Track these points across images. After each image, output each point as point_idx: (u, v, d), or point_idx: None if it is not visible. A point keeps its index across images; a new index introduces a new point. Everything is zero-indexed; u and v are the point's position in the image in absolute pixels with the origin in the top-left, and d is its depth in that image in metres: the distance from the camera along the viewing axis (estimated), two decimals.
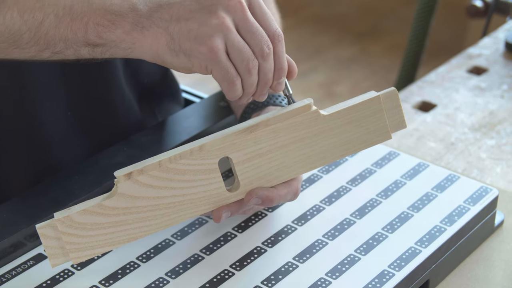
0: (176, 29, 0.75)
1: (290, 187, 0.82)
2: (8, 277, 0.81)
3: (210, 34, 0.74)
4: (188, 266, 0.82)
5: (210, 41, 0.74)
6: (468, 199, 0.91)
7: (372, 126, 0.82)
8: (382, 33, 3.08)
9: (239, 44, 0.75)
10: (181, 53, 0.75)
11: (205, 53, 0.75)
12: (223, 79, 0.76)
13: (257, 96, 0.79)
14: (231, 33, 0.75)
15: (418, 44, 1.84)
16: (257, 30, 0.76)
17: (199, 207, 0.79)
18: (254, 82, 0.77)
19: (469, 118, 1.18)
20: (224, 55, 0.75)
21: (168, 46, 0.75)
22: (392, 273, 0.81)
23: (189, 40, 0.75)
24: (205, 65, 0.76)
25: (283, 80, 0.79)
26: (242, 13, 0.75)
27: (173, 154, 0.77)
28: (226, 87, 0.77)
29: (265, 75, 0.77)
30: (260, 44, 0.76)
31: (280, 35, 0.77)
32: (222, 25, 0.74)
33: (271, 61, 0.77)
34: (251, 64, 0.76)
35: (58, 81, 0.94)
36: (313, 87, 2.77)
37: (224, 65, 0.75)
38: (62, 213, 0.75)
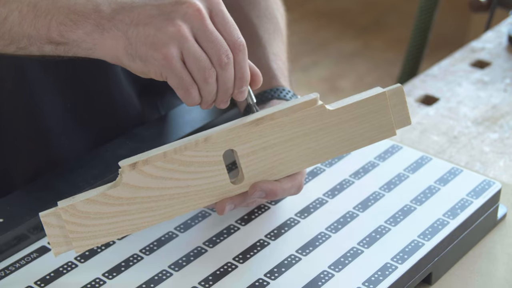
0: (134, 33, 0.75)
1: (294, 181, 0.83)
2: (12, 269, 0.81)
3: (165, 42, 0.74)
4: (191, 258, 0.82)
5: (164, 49, 0.74)
6: (471, 193, 0.91)
7: (377, 122, 0.82)
8: (385, 27, 3.07)
9: (195, 53, 0.74)
10: (137, 58, 0.75)
11: (159, 60, 0.74)
12: (178, 87, 0.76)
13: (218, 104, 0.79)
14: (187, 41, 0.74)
15: (421, 38, 1.83)
16: (215, 39, 0.75)
17: (203, 199, 0.79)
18: (212, 91, 0.77)
19: (472, 111, 1.18)
20: (179, 63, 0.75)
21: (126, 50, 0.75)
22: (395, 266, 0.81)
23: (145, 46, 0.74)
24: (160, 72, 0.75)
25: (244, 89, 0.79)
26: (200, 21, 0.75)
27: (178, 145, 0.77)
28: (181, 95, 0.77)
29: (224, 84, 0.77)
30: (219, 53, 0.75)
31: (242, 45, 0.77)
32: (178, 33, 0.74)
33: (230, 70, 0.76)
34: (207, 73, 0.75)
35: (57, 73, 0.94)
36: (316, 81, 2.77)
37: (179, 73, 0.75)
38: (66, 202, 0.75)
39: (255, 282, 0.79)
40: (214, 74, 0.76)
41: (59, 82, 0.95)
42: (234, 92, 0.78)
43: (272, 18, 1.02)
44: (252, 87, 0.81)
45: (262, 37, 0.99)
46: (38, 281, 0.80)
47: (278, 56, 0.98)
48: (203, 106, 0.79)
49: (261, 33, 0.99)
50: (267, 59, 0.96)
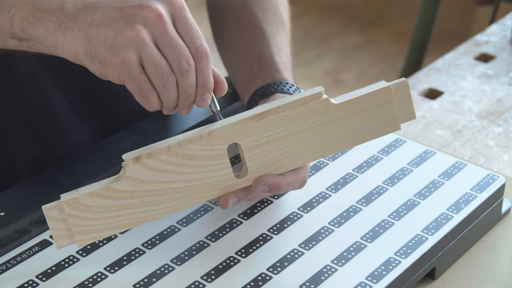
0: (94, 34, 0.74)
1: (298, 175, 0.82)
2: (14, 263, 0.81)
3: (124, 45, 0.73)
4: (193, 253, 0.82)
5: (122, 53, 0.73)
6: (475, 187, 0.91)
7: (382, 116, 0.82)
8: (389, 20, 3.07)
9: (154, 58, 0.73)
10: (96, 60, 0.74)
11: (117, 64, 0.73)
12: (135, 91, 0.75)
13: (180, 110, 0.78)
14: (146, 46, 0.73)
15: (425, 32, 1.83)
16: (176, 45, 0.74)
17: (206, 192, 0.78)
18: (172, 97, 0.76)
19: (476, 105, 1.18)
20: (137, 68, 0.74)
21: (86, 50, 0.74)
22: (398, 261, 0.81)
23: (104, 48, 0.73)
24: (117, 76, 0.74)
25: (207, 97, 0.77)
26: (161, 27, 0.73)
27: (182, 139, 0.76)
28: (139, 100, 0.76)
29: (185, 91, 0.76)
30: (179, 60, 0.74)
31: (205, 52, 0.75)
32: (137, 37, 0.73)
33: (191, 77, 0.75)
34: (166, 79, 0.74)
35: (56, 66, 0.94)
36: (319, 75, 2.76)
37: (136, 78, 0.74)
38: (69, 195, 0.75)
39: (258, 277, 0.79)
40: (174, 81, 0.75)
41: (58, 75, 0.94)
42: (196, 99, 0.77)
43: (275, 11, 1.01)
44: (216, 95, 0.79)
45: (265, 30, 0.98)
46: (40, 274, 0.79)
47: (282, 49, 0.98)
48: (165, 111, 0.77)
49: (265, 26, 0.99)
50: (271, 53, 0.96)
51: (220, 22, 1.04)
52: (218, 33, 1.05)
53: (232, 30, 1.01)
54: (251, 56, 0.97)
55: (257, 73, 0.95)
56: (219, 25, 1.04)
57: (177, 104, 0.77)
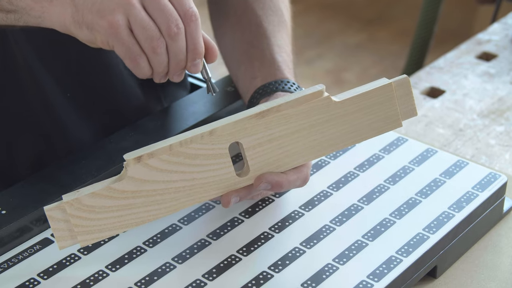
0: (81, 0, 0.73)
1: (300, 173, 0.82)
2: (15, 261, 0.81)
3: (112, 9, 0.72)
4: (195, 251, 0.82)
5: (110, 16, 0.72)
6: (477, 186, 0.90)
7: (383, 114, 0.81)
8: (390, 19, 3.07)
9: (142, 21, 0.73)
10: (84, 26, 0.73)
11: (105, 28, 0.72)
12: (125, 56, 0.74)
13: (171, 76, 0.77)
14: (133, 9, 0.72)
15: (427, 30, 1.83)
16: (164, 7, 0.73)
17: (208, 191, 0.78)
18: (163, 62, 0.75)
19: (478, 104, 1.18)
20: (126, 31, 0.73)
21: (73, 17, 0.74)
22: (399, 259, 0.81)
23: (91, 13, 0.73)
24: (106, 40, 0.73)
25: (198, 62, 0.76)
26: None
27: (184, 138, 0.76)
28: (129, 65, 0.75)
29: (175, 55, 0.75)
30: (167, 23, 0.73)
31: (194, 15, 0.74)
32: (124, 0, 0.72)
33: (181, 41, 0.74)
34: (155, 42, 0.73)
35: (55, 64, 0.94)
36: (320, 74, 2.76)
37: (125, 41, 0.73)
38: (70, 196, 0.75)
39: (259, 275, 0.79)
40: (163, 44, 0.74)
41: (57, 73, 0.94)
42: (187, 65, 0.76)
43: (276, 10, 1.01)
44: (208, 61, 0.78)
45: (266, 28, 0.98)
46: (41, 273, 0.79)
47: (283, 48, 0.97)
48: (156, 79, 0.77)
49: (266, 24, 0.99)
50: (272, 51, 0.96)
51: (221, 21, 1.04)
52: (219, 31, 1.05)
53: (233, 28, 1.01)
54: (252, 55, 0.97)
55: (258, 71, 0.95)
56: (220, 23, 1.04)
57: (168, 70, 0.76)
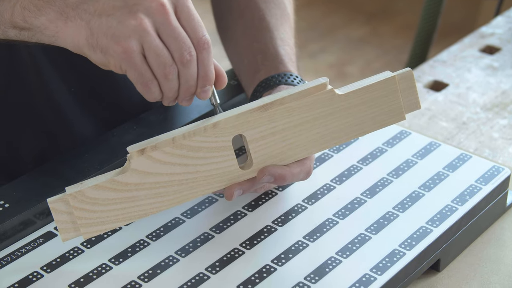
0: (96, 24, 0.73)
1: (303, 166, 0.82)
2: (18, 254, 0.81)
3: (127, 35, 0.73)
4: (198, 244, 0.82)
5: (125, 42, 0.73)
6: (480, 179, 0.90)
7: (387, 107, 0.81)
8: (393, 13, 3.06)
9: (157, 48, 0.73)
10: (98, 49, 0.74)
11: (119, 53, 0.73)
12: (137, 81, 0.75)
13: (180, 101, 0.77)
14: (148, 36, 0.73)
15: (430, 24, 1.82)
16: (179, 35, 0.74)
17: (211, 184, 0.78)
18: (174, 88, 0.76)
19: (481, 97, 1.18)
20: (139, 57, 0.73)
21: (87, 40, 0.74)
22: (403, 253, 0.81)
23: (106, 37, 0.73)
24: (119, 65, 0.74)
25: (208, 89, 0.77)
26: (163, 16, 0.73)
27: (187, 131, 0.76)
28: (140, 90, 0.76)
29: (186, 81, 0.76)
30: (181, 50, 0.74)
31: (207, 43, 0.75)
32: (139, 26, 0.72)
33: (193, 68, 0.75)
34: (167, 69, 0.74)
35: (59, 59, 0.94)
36: (323, 67, 2.76)
37: (138, 67, 0.74)
38: (74, 188, 0.75)
39: (262, 268, 0.79)
40: (175, 71, 0.75)
41: (62, 68, 0.94)
42: (197, 91, 0.77)
43: (279, 3, 1.01)
44: (217, 87, 0.79)
45: (269, 22, 0.98)
46: (44, 266, 0.79)
47: (286, 41, 0.97)
48: (165, 103, 0.77)
49: (268, 18, 0.99)
50: (275, 44, 0.96)
51: (223, 14, 1.04)
52: (222, 25, 1.04)
53: (235, 22, 1.01)
54: (255, 48, 0.96)
55: (261, 65, 0.94)
56: (222, 17, 1.04)
57: (178, 95, 0.77)
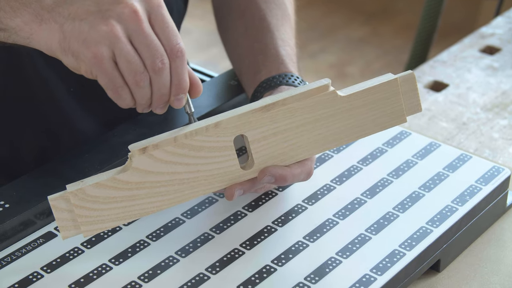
0: (69, 28, 0.73)
1: (304, 166, 0.82)
2: (18, 254, 0.81)
3: (97, 40, 0.72)
4: (198, 245, 0.82)
5: (95, 47, 0.72)
6: (480, 179, 0.90)
7: (388, 109, 0.81)
8: (394, 13, 3.06)
9: (128, 54, 0.73)
10: (69, 53, 0.74)
11: (90, 58, 0.73)
12: (107, 87, 0.74)
13: (154, 109, 0.77)
14: (119, 42, 0.72)
15: (430, 24, 1.82)
16: (151, 42, 0.73)
17: (212, 184, 0.78)
18: (146, 95, 0.75)
19: (481, 98, 1.18)
20: (110, 63, 0.73)
21: (60, 43, 0.74)
22: (403, 253, 0.81)
23: (78, 42, 0.73)
24: (90, 70, 0.74)
25: (182, 97, 0.76)
26: (136, 23, 0.73)
27: (189, 130, 0.76)
28: (111, 95, 0.75)
29: (158, 89, 0.75)
30: (153, 58, 0.73)
31: (180, 51, 0.74)
32: (110, 32, 0.72)
33: (165, 76, 0.74)
34: (138, 76, 0.73)
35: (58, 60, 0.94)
36: (324, 68, 2.76)
37: (108, 73, 0.73)
38: (74, 186, 0.75)
39: (262, 269, 0.79)
40: (147, 78, 0.74)
41: (60, 68, 0.94)
42: (170, 99, 0.76)
43: (280, 3, 1.01)
44: (191, 96, 0.78)
45: (270, 22, 0.98)
46: (45, 266, 0.79)
47: (287, 41, 0.97)
48: (138, 109, 0.77)
49: (269, 18, 0.99)
50: (275, 45, 0.96)
51: (224, 15, 1.04)
52: (222, 25, 1.04)
53: (236, 22, 1.01)
54: (255, 49, 0.96)
55: (262, 65, 0.94)
56: (223, 17, 1.04)
57: (151, 102, 0.76)
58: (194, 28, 2.90)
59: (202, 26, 2.89)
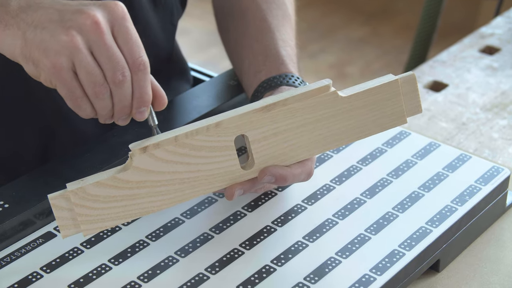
0: (31, 35, 0.73)
1: (304, 167, 0.82)
2: (18, 255, 0.81)
3: (57, 50, 0.72)
4: (197, 245, 0.82)
5: (54, 57, 0.72)
6: (480, 179, 0.90)
7: (389, 110, 0.81)
8: (393, 13, 3.06)
9: (87, 66, 0.72)
10: (30, 61, 0.73)
11: (49, 68, 0.72)
12: (66, 97, 0.74)
13: (116, 120, 0.77)
14: (79, 53, 0.72)
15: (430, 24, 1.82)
16: (112, 54, 0.72)
17: (213, 183, 0.79)
18: (106, 107, 0.75)
19: (481, 98, 1.18)
20: (69, 74, 0.72)
21: (22, 50, 0.73)
22: (402, 253, 0.81)
23: (38, 51, 0.72)
24: (49, 79, 0.73)
25: (144, 110, 0.76)
26: (97, 35, 0.72)
27: (190, 130, 0.77)
28: (70, 105, 0.75)
29: (119, 101, 0.75)
30: (113, 70, 0.73)
31: (143, 64, 0.74)
32: (70, 43, 0.71)
33: (126, 89, 0.74)
34: (98, 88, 0.73)
35: None
36: (323, 68, 2.76)
37: (67, 84, 0.73)
38: (75, 184, 0.75)
39: (262, 269, 0.79)
40: (107, 90, 0.74)
41: None
42: (132, 112, 0.76)
43: (281, 4, 1.01)
44: (155, 109, 0.78)
45: (271, 23, 0.98)
46: (44, 266, 0.79)
47: (287, 42, 0.97)
48: (100, 120, 0.77)
49: (270, 19, 0.99)
50: (276, 45, 0.96)
51: (224, 15, 1.04)
52: (223, 25, 1.04)
53: (237, 22, 1.01)
54: (256, 49, 0.97)
55: (262, 65, 0.95)
56: (223, 17, 1.04)
57: (113, 114, 0.76)
58: (194, 28, 2.90)
59: (201, 26, 2.89)
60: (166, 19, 1.04)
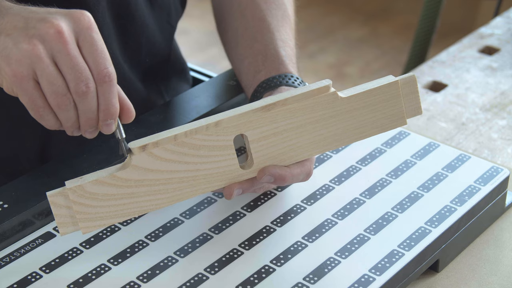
0: None
1: (303, 167, 0.82)
2: (17, 255, 0.81)
3: (18, 59, 0.70)
4: (197, 245, 0.82)
5: (15, 65, 0.70)
6: (479, 179, 0.90)
7: (389, 111, 0.82)
8: (393, 13, 3.06)
9: (49, 75, 0.71)
10: None
11: (10, 76, 0.71)
12: (28, 107, 0.73)
13: (82, 132, 0.75)
14: (40, 62, 0.70)
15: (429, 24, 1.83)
16: (76, 65, 0.71)
17: (211, 183, 0.79)
18: (70, 118, 0.73)
19: (480, 98, 1.18)
20: (31, 83, 0.71)
21: None
22: (401, 253, 0.81)
23: (1, 57, 0.71)
24: (11, 87, 0.72)
25: (110, 123, 0.75)
26: (60, 44, 0.71)
27: (189, 129, 0.77)
28: (33, 115, 0.74)
29: (84, 113, 0.73)
30: (76, 81, 0.71)
31: (108, 76, 0.72)
32: (31, 52, 0.70)
33: (90, 100, 0.72)
34: (59, 99, 0.72)
35: None
36: (323, 68, 2.76)
37: (29, 93, 0.72)
38: (74, 182, 0.75)
39: (261, 269, 0.79)
40: (70, 101, 0.72)
41: None
42: (99, 124, 0.75)
43: (280, 4, 1.01)
44: (122, 121, 0.77)
45: (270, 23, 0.98)
46: (43, 266, 0.79)
47: (286, 42, 0.97)
48: (67, 132, 0.75)
49: (269, 19, 0.99)
50: (275, 46, 0.96)
51: (224, 15, 1.04)
52: (222, 26, 1.04)
53: (236, 22, 1.01)
54: (255, 49, 0.97)
55: (261, 65, 0.95)
56: (223, 18, 1.04)
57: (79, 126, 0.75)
58: (193, 28, 2.90)
59: (201, 26, 2.89)
60: (163, 19, 1.04)
